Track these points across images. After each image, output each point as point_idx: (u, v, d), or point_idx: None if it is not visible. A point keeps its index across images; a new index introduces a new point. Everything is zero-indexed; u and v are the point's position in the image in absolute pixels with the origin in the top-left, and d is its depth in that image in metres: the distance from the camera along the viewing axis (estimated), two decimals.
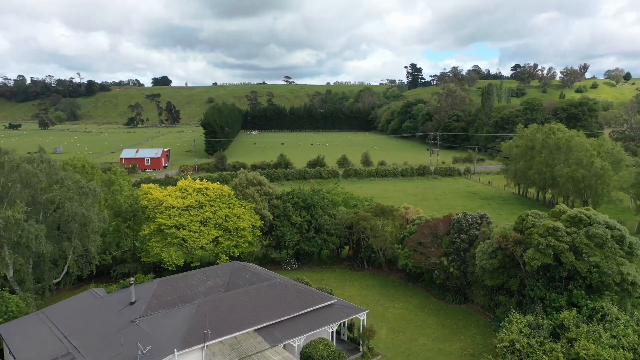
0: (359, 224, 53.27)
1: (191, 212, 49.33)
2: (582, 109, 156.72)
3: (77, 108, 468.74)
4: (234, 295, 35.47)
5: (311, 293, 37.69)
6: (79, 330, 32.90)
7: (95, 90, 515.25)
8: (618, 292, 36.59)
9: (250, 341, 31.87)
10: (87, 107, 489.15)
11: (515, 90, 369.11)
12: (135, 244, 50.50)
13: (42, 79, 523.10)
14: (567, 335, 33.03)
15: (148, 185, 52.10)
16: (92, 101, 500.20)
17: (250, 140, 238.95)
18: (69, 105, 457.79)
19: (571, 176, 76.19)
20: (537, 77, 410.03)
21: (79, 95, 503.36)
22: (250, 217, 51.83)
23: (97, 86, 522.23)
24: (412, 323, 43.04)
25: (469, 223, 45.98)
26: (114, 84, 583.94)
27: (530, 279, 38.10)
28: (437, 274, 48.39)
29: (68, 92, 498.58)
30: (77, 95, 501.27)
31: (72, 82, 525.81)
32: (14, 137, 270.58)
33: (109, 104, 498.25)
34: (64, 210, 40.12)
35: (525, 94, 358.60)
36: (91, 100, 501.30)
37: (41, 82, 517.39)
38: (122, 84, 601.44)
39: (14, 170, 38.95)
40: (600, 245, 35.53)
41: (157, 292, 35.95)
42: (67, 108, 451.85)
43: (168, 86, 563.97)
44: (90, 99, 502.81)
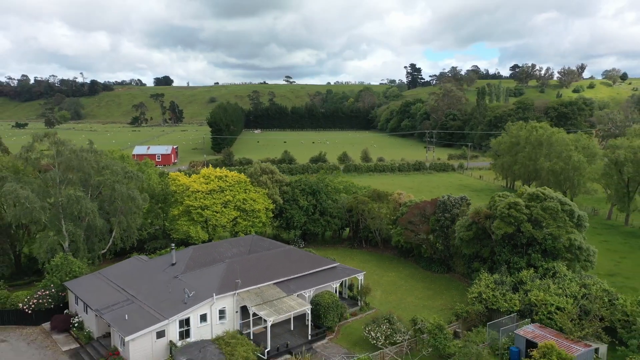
0: (358, 207, 61.75)
1: (214, 196, 57.79)
2: (571, 109, 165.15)
3: (81, 107, 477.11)
4: (256, 257, 44.01)
5: (318, 258, 46.24)
6: (132, 284, 41.32)
7: (98, 90, 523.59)
8: (568, 256, 45.04)
9: (270, 291, 40.32)
10: (91, 107, 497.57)
11: (514, 90, 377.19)
12: (165, 223, 58.98)
13: (46, 78, 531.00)
14: (524, 288, 41.59)
15: (175, 173, 60.58)
16: (95, 101, 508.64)
17: (254, 139, 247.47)
18: (72, 104, 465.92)
19: (551, 169, 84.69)
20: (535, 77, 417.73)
21: (82, 94, 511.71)
22: (263, 201, 60.32)
23: (100, 86, 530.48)
24: (402, 287, 51.49)
25: (452, 204, 54.45)
26: (116, 83, 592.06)
27: (497, 246, 46.58)
28: (424, 248, 56.84)
29: (71, 91, 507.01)
30: (80, 94, 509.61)
31: (75, 82, 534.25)
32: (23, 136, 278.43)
33: (111, 104, 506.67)
34: (113, 191, 48.55)
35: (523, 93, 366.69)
36: (94, 99, 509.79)
37: (45, 81, 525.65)
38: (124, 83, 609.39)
39: (72, 157, 47.39)
40: (553, 216, 43.97)
41: (193, 255, 44.39)
42: (71, 107, 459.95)
43: (170, 86, 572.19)
44: (93, 98, 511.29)
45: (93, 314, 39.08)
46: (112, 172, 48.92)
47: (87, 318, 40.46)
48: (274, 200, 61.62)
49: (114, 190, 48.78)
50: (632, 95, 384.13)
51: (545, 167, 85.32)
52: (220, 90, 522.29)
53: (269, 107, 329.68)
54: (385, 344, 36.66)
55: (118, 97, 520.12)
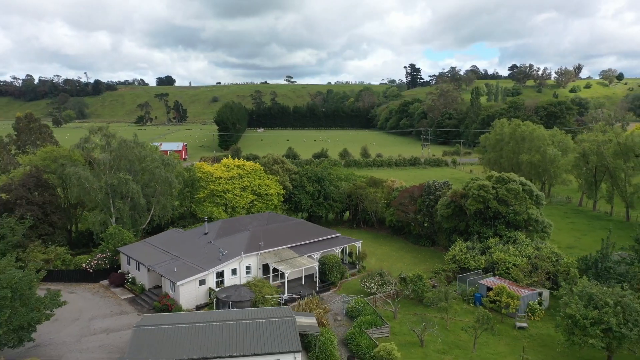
0: (357, 192, 72.21)
1: (234, 182, 68.22)
2: (560, 108, 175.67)
3: (85, 107, 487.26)
4: (274, 227, 54.53)
5: (324, 229, 56.78)
6: (174, 248, 51.75)
7: (101, 89, 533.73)
8: (531, 228, 55.45)
9: (286, 253, 50.78)
10: (95, 106, 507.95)
11: (511, 90, 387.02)
12: (192, 205, 69.40)
13: (50, 78, 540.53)
14: (489, 252, 52.03)
15: (200, 162, 70.96)
16: (99, 100, 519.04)
17: (257, 137, 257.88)
18: (77, 104, 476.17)
19: (530, 161, 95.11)
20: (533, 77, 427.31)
21: (86, 94, 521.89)
22: (275, 187, 70.76)
23: (104, 85, 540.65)
24: (394, 256, 61.90)
25: (435, 188, 64.88)
26: (119, 83, 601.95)
27: (471, 220, 57.02)
28: (413, 225, 67.28)
29: (75, 91, 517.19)
30: (84, 94, 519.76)
31: (79, 82, 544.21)
32: None
33: (115, 103, 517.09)
34: (153, 175, 58.97)
35: (520, 93, 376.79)
36: (98, 99, 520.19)
37: (49, 81, 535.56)
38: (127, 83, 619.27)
39: (120, 147, 57.84)
40: (515, 195, 54.37)
41: (222, 226, 54.85)
42: (76, 107, 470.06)
43: (172, 85, 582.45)
44: (97, 98, 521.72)
45: (145, 270, 49.51)
46: (152, 160, 59.40)
47: (139, 274, 50.86)
48: (285, 186, 72.05)
49: (153, 175, 59.25)
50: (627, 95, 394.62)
51: (525, 160, 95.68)
52: (222, 90, 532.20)
53: (271, 106, 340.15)
54: (377, 292, 47.02)
55: (121, 96, 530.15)
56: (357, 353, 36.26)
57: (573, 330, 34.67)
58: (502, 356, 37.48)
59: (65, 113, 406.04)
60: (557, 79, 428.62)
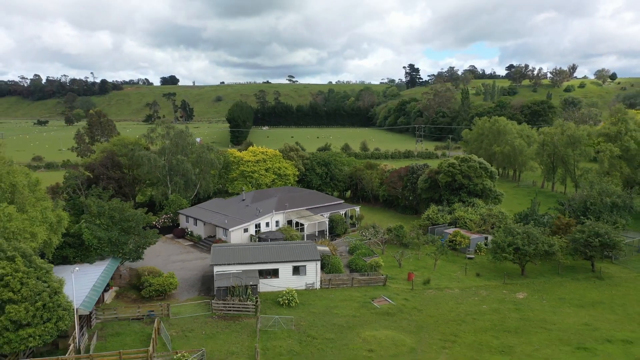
0: (357, 173, 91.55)
1: (259, 165, 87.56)
2: (542, 107, 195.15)
3: (93, 106, 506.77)
4: (294, 194, 74.04)
5: (332, 197, 76.24)
6: (221, 209, 71.05)
7: (108, 89, 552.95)
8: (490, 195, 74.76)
9: (304, 212, 70.16)
10: (101, 105, 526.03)
11: (507, 90, 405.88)
12: (226, 183, 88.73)
13: (58, 78, 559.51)
14: (454, 212, 71.41)
15: (231, 149, 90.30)
16: (105, 99, 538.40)
17: (263, 134, 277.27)
18: (84, 103, 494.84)
19: (502, 152, 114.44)
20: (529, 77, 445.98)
21: (93, 93, 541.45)
22: (291, 169, 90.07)
23: (110, 85, 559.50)
24: (384, 220, 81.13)
25: (417, 168, 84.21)
26: (123, 82, 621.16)
27: (442, 191, 76.39)
28: (400, 199, 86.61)
29: (82, 90, 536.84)
30: (90, 93, 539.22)
31: (86, 82, 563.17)
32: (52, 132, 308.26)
33: (121, 102, 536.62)
34: (200, 158, 78.24)
35: (516, 92, 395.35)
36: (105, 98, 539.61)
37: (56, 81, 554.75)
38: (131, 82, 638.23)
39: (177, 136, 77.16)
40: (474, 171, 73.69)
41: (255, 195, 74.24)
42: (84, 106, 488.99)
43: (176, 85, 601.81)
44: (103, 97, 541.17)
45: (201, 224, 68.83)
46: (200, 145, 78.69)
47: (196, 228, 70.14)
48: (299, 169, 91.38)
49: (200, 157, 78.57)
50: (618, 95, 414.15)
51: (498, 151, 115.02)
52: (226, 89, 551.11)
53: (275, 105, 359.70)
54: (371, 238, 66.28)
55: (127, 95, 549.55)
56: (356, 269, 55.54)
57: (497, 250, 54.06)
58: (452, 271, 56.87)
59: (75, 112, 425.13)
60: (552, 79, 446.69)
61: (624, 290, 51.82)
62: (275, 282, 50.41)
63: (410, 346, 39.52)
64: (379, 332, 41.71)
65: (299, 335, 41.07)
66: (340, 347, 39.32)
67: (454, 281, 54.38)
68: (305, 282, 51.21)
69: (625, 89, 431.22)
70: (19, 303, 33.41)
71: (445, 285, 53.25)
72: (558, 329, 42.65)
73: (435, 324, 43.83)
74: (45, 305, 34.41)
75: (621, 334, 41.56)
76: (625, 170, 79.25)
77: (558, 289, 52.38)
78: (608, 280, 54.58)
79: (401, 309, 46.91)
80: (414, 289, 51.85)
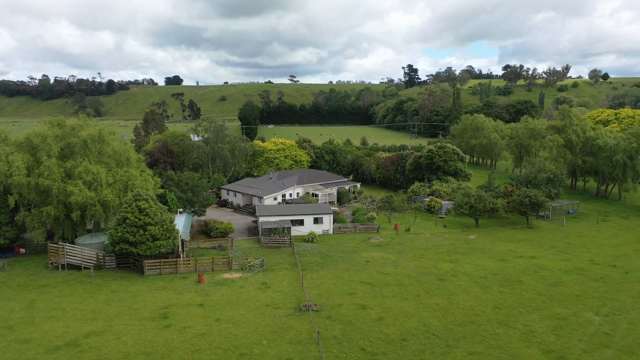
0: (357, 160, 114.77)
1: (280, 152, 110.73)
2: (525, 106, 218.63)
3: (101, 105, 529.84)
4: (311, 173, 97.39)
5: (339, 176, 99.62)
6: (254, 185, 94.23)
7: (115, 89, 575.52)
8: (456, 174, 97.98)
9: (318, 187, 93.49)
10: (109, 105, 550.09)
11: (503, 89, 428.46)
12: (252, 167, 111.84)
13: (66, 78, 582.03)
14: (432, 187, 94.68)
15: (257, 141, 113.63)
16: (112, 99, 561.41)
17: (269, 132, 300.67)
18: (93, 103, 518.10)
19: (480, 144, 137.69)
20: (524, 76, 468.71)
21: (100, 93, 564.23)
22: (305, 157, 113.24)
23: (117, 85, 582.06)
24: (379, 195, 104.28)
25: (406, 155, 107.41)
26: (129, 82, 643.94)
27: (424, 171, 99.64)
28: (393, 180, 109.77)
29: (90, 90, 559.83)
30: (98, 93, 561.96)
31: (93, 82, 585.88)
32: None
33: (128, 102, 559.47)
34: (234, 146, 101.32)
35: (511, 92, 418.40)
36: (112, 98, 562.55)
37: (65, 81, 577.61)
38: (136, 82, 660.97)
39: (216, 129, 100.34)
40: (449, 156, 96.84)
41: (279, 174, 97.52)
42: (92, 106, 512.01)
43: (180, 85, 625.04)
44: (110, 97, 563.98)
45: (240, 195, 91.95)
46: (234, 137, 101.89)
47: (235, 199, 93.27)
48: (310, 157, 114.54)
49: (235, 146, 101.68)
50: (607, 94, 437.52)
51: (476, 144, 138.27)
52: (229, 89, 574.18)
53: (279, 105, 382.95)
54: (368, 206, 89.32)
55: (134, 95, 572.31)
56: (357, 222, 78.65)
57: (457, 207, 77.26)
58: (427, 224, 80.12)
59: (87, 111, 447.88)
60: (546, 79, 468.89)
61: (543, 234, 75.12)
62: (301, 228, 73.52)
63: (393, 260, 62.63)
64: (373, 253, 64.90)
65: (321, 255, 64.20)
66: (348, 260, 62.37)
67: (427, 230, 77.58)
68: (322, 229, 74.38)
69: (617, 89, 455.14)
70: (155, 225, 56.52)
71: (421, 232, 76.45)
72: (490, 252, 65.87)
73: (410, 250, 67.00)
74: (167, 229, 57.61)
75: (530, 253, 64.82)
76: (569, 157, 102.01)
77: (499, 233, 75.65)
78: (536, 229, 77.91)
79: (389, 243, 70.12)
80: (398, 234, 75.01)
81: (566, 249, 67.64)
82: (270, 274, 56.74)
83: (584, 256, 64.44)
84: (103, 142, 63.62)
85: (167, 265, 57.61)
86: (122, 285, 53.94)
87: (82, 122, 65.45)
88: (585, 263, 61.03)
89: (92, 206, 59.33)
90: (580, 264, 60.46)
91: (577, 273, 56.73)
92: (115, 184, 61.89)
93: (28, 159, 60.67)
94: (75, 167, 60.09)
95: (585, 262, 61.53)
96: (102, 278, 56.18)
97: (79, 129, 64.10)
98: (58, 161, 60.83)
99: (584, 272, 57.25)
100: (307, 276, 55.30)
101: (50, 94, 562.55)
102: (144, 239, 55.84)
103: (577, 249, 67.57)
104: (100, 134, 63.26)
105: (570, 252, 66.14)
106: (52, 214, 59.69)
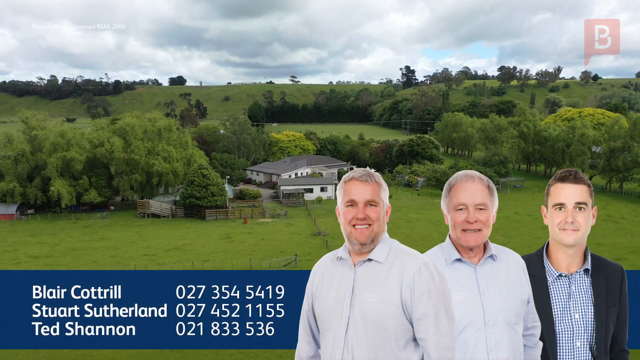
0: (354, 149, 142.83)
1: (291, 142, 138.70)
2: (507, 105, 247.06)
3: (109, 105, 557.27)
4: (316, 158, 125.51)
5: (340, 160, 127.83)
6: (272, 167, 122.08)
7: (121, 89, 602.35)
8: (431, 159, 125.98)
9: (322, 168, 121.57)
10: (116, 105, 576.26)
11: (497, 90, 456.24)
12: (268, 155, 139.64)
13: (74, 79, 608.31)
14: (412, 168, 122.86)
15: (272, 133, 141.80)
16: (119, 99, 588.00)
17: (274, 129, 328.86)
18: (102, 102, 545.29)
19: (459, 137, 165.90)
20: (517, 78, 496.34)
21: (107, 93, 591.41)
22: (311, 146, 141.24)
23: (123, 85, 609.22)
24: None
25: (393, 144, 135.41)
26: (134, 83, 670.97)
27: (406, 157, 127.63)
28: (382, 165, 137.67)
29: (97, 90, 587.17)
30: (105, 93, 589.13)
31: (100, 82, 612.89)
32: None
33: (134, 102, 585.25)
34: (255, 137, 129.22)
35: (505, 92, 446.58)
36: (119, 98, 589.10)
37: (73, 82, 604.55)
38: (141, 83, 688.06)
39: (240, 124, 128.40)
40: (425, 144, 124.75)
41: (292, 159, 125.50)
42: (100, 105, 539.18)
43: (184, 85, 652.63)
44: (117, 97, 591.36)
45: (262, 174, 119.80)
46: (254, 129, 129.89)
47: (257, 177, 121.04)
48: (316, 146, 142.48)
49: (255, 136, 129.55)
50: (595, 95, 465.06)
51: (456, 137, 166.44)
52: (233, 89, 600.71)
53: (282, 104, 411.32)
54: None
55: (140, 95, 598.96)
56: None
57: (427, 180, 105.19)
58: (404, 193, 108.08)
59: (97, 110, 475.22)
60: (538, 80, 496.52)
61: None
62: (311, 195, 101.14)
63: None
64: None
65: (326, 210, 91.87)
66: None
67: (404, 198, 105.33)
68: (326, 195, 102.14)
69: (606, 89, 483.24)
70: (213, 186, 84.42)
71: (400, 198, 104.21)
72: None
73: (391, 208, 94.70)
74: (220, 188, 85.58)
75: None
76: (522, 145, 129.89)
77: None
78: None
79: None
80: None
81: (503, 208, 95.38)
82: (292, 220, 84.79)
83: (512, 210, 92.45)
84: (170, 131, 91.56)
85: (222, 213, 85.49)
86: (193, 225, 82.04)
87: (156, 115, 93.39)
88: (512, 215, 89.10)
89: (167, 174, 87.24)
90: (508, 215, 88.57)
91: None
92: (181, 159, 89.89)
93: (121, 141, 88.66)
94: (154, 147, 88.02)
95: (512, 214, 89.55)
96: (178, 221, 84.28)
97: (154, 121, 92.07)
98: (141, 143, 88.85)
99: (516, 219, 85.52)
100: (317, 220, 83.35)
101: (59, 94, 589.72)
102: (206, 195, 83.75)
103: (510, 207, 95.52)
104: (169, 124, 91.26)
105: (505, 209, 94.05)
106: (139, 180, 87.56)
